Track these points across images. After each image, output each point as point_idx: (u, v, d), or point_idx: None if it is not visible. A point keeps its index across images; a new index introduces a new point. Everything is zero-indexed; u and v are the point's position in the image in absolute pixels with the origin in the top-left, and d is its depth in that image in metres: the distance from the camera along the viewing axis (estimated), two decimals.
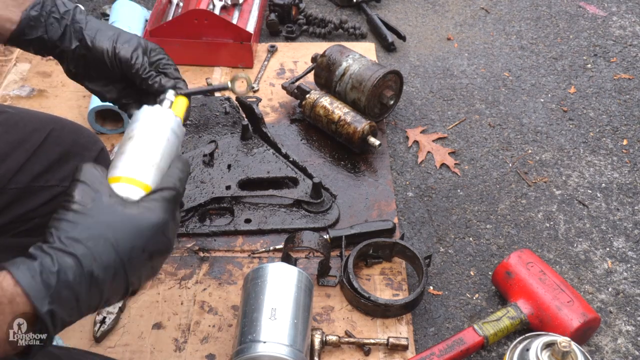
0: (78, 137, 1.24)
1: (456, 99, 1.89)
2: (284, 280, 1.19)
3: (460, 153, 1.72)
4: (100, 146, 1.28)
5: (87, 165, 0.81)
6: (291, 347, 1.09)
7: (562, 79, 1.97)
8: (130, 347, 1.24)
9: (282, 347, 1.08)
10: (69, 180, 1.06)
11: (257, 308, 1.15)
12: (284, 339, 1.10)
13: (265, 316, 1.13)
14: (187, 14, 1.87)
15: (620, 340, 1.30)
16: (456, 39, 2.13)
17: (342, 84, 1.71)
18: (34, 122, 1.20)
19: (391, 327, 1.29)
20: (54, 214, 0.77)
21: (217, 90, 1.22)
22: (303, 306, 1.18)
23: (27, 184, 1.14)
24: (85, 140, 1.25)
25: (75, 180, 0.79)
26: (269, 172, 1.57)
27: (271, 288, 1.18)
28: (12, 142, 1.14)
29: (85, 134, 1.27)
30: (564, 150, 1.74)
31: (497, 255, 1.46)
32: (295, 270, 1.21)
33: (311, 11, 2.14)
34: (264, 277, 1.20)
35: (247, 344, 1.09)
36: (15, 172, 1.12)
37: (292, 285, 1.19)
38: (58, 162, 1.18)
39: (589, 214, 1.56)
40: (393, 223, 1.45)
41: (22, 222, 1.18)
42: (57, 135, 1.20)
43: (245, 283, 1.23)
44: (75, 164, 1.18)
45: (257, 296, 1.17)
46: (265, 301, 1.16)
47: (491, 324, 1.24)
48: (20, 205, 1.15)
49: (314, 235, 1.30)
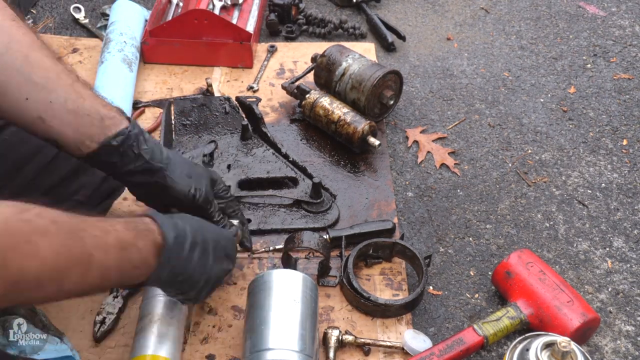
0: None
1: (456, 99, 1.89)
2: (289, 286, 1.18)
3: (460, 153, 1.72)
4: None
5: None
6: (301, 353, 1.08)
7: (562, 79, 1.97)
8: (130, 347, 1.23)
9: (292, 354, 1.08)
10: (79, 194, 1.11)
11: (263, 316, 1.13)
12: (294, 345, 1.09)
13: (273, 324, 1.12)
14: (187, 14, 1.87)
15: (620, 340, 1.30)
16: (456, 39, 2.13)
17: (342, 84, 1.71)
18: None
19: (391, 327, 1.29)
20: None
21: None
22: (310, 311, 1.17)
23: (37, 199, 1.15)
24: None
25: None
26: (268, 172, 1.57)
27: (277, 295, 1.16)
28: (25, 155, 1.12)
29: None
30: (564, 150, 1.74)
31: (497, 255, 1.46)
32: (300, 275, 1.20)
33: (311, 11, 2.14)
34: (269, 284, 1.18)
35: (256, 353, 1.08)
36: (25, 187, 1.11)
37: (298, 291, 1.18)
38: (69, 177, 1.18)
39: (588, 214, 1.56)
40: (393, 223, 1.45)
41: None
42: None
43: (250, 290, 1.22)
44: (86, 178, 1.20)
45: (263, 304, 1.15)
46: (272, 309, 1.14)
47: (491, 324, 1.24)
48: None
49: (314, 235, 1.30)
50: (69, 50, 1.96)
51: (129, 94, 1.73)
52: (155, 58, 1.93)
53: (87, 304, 1.30)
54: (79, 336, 1.25)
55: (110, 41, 1.83)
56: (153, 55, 1.93)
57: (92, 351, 1.22)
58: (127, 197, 1.53)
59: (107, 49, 1.80)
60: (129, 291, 1.31)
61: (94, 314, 1.28)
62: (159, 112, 1.77)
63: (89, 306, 1.30)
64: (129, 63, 1.79)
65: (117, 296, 1.29)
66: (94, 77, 1.80)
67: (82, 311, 1.29)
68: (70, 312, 1.29)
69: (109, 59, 1.77)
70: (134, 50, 1.85)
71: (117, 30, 1.87)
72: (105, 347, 1.23)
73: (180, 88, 1.86)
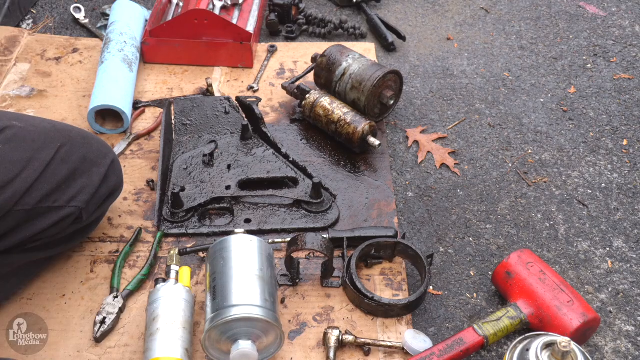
0: (87, 152, 1.22)
1: (456, 99, 1.89)
2: (247, 249, 1.25)
3: (460, 153, 1.72)
4: (111, 158, 1.26)
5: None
6: (262, 308, 1.15)
7: (562, 79, 1.97)
8: (130, 347, 1.24)
9: (254, 308, 1.14)
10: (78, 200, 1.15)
11: (225, 277, 1.20)
12: (256, 301, 1.15)
13: (235, 283, 1.18)
14: (187, 14, 1.87)
15: (620, 340, 1.30)
16: (456, 39, 2.13)
17: (342, 84, 1.71)
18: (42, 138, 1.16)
19: (391, 327, 1.29)
20: None
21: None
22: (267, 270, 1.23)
23: (35, 206, 1.12)
24: (94, 155, 1.23)
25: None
26: (268, 172, 1.57)
27: (236, 257, 1.23)
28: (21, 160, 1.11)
29: (94, 147, 1.25)
30: (564, 150, 1.74)
31: (497, 255, 1.46)
32: (256, 239, 1.28)
33: (311, 11, 2.14)
34: (229, 248, 1.25)
35: (220, 310, 1.14)
36: (22, 194, 1.10)
37: (254, 252, 1.25)
38: (66, 181, 1.16)
39: (588, 214, 1.56)
40: (395, 230, 1.43)
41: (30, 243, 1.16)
42: (66, 152, 1.18)
43: (211, 255, 1.26)
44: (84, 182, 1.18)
45: (224, 265, 1.22)
46: (233, 269, 1.21)
47: (491, 324, 1.24)
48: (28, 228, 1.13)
49: (317, 237, 1.30)
50: (69, 50, 1.96)
51: (129, 94, 1.73)
52: (156, 58, 1.93)
53: (87, 304, 1.30)
54: (79, 336, 1.25)
55: (110, 41, 1.83)
56: (153, 55, 1.93)
57: (92, 351, 1.22)
58: (127, 197, 1.53)
59: (107, 49, 1.80)
60: (129, 291, 1.31)
61: (94, 314, 1.28)
62: (159, 112, 1.77)
63: (89, 306, 1.30)
64: (129, 63, 1.79)
65: (117, 296, 1.29)
66: (94, 77, 1.80)
67: (82, 311, 1.29)
68: (70, 312, 1.29)
69: (109, 59, 1.77)
70: (134, 50, 1.85)
71: (117, 30, 1.87)
72: (105, 347, 1.23)
73: (180, 88, 1.87)
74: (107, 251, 1.41)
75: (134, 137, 1.68)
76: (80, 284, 1.34)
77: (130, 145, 1.67)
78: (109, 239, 1.44)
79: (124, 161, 1.63)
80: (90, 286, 1.34)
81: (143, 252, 1.41)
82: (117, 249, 1.42)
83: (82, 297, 1.32)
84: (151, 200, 1.53)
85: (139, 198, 1.54)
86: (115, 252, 1.41)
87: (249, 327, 1.14)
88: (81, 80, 1.86)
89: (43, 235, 1.17)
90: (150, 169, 1.61)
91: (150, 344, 1.13)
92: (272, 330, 1.15)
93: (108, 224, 1.47)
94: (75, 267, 1.37)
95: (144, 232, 1.45)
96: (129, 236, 1.43)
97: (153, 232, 1.45)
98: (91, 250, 1.41)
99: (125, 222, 1.48)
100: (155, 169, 1.60)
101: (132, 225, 1.47)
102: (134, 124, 1.73)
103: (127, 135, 1.68)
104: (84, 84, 1.84)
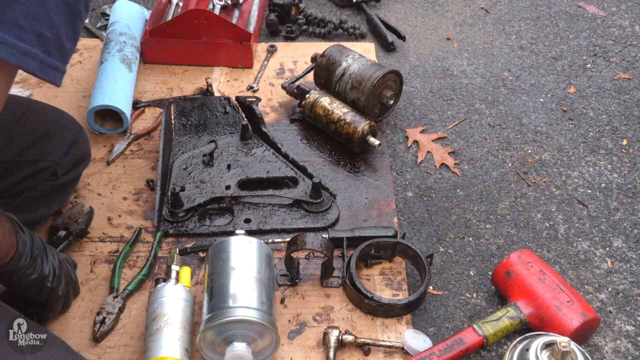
0: (59, 118, 1.39)
1: (456, 99, 1.89)
2: (246, 250, 1.25)
3: (460, 153, 1.72)
4: (79, 127, 1.42)
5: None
6: (259, 310, 1.15)
7: (562, 79, 1.97)
8: (130, 347, 1.24)
9: (250, 310, 1.14)
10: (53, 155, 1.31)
11: (224, 278, 1.20)
12: (252, 303, 1.15)
13: (232, 285, 1.18)
14: (187, 14, 1.87)
15: (620, 340, 1.30)
16: (456, 39, 2.13)
17: (342, 84, 1.71)
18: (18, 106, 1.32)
19: (391, 327, 1.29)
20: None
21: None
22: (266, 273, 1.23)
23: (14, 159, 1.27)
24: (65, 121, 1.40)
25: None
26: (268, 172, 1.57)
27: (235, 258, 1.23)
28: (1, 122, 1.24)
29: (65, 116, 1.41)
30: (564, 150, 1.74)
31: (496, 255, 1.46)
32: (256, 241, 1.27)
33: (311, 11, 2.14)
34: (228, 249, 1.25)
35: (216, 311, 1.14)
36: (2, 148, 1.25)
37: (253, 254, 1.25)
38: (41, 139, 1.31)
39: (588, 214, 1.56)
40: (395, 230, 1.43)
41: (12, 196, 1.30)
42: (39, 115, 1.34)
43: (210, 255, 1.26)
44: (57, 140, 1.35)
45: (222, 266, 1.22)
46: (231, 271, 1.21)
47: (491, 323, 1.24)
48: (9, 177, 1.28)
49: (317, 237, 1.30)
50: None
51: (129, 94, 1.73)
52: (155, 58, 1.93)
53: (87, 304, 1.30)
54: (79, 336, 1.25)
55: (110, 41, 1.83)
56: (153, 55, 1.93)
57: (92, 351, 1.22)
58: (127, 197, 1.53)
59: (107, 49, 1.80)
60: (129, 291, 1.31)
61: (94, 314, 1.28)
62: (159, 112, 1.77)
63: (89, 306, 1.30)
64: (129, 63, 1.79)
65: (117, 296, 1.29)
66: (94, 77, 1.80)
67: (82, 311, 1.29)
68: (70, 312, 1.29)
69: (108, 59, 1.77)
70: (134, 50, 1.85)
71: (117, 30, 1.87)
72: (105, 347, 1.23)
73: (180, 88, 1.87)
74: (106, 251, 1.41)
75: (133, 137, 1.68)
76: (80, 284, 1.34)
77: (130, 145, 1.67)
78: (109, 239, 1.44)
79: (124, 161, 1.63)
80: (90, 286, 1.34)
81: (143, 252, 1.41)
82: (117, 249, 1.42)
83: (82, 297, 1.31)
84: (151, 200, 1.53)
85: (138, 198, 1.54)
86: (115, 252, 1.41)
87: (245, 329, 1.14)
88: (81, 80, 1.86)
89: (23, 186, 1.29)
90: (150, 168, 1.61)
91: (150, 344, 1.13)
92: (268, 333, 1.15)
93: (108, 224, 1.47)
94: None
95: (144, 232, 1.45)
96: (129, 236, 1.43)
97: (153, 232, 1.45)
98: (91, 250, 1.41)
99: (125, 222, 1.48)
100: (155, 168, 1.60)
101: (131, 225, 1.47)
102: (134, 124, 1.73)
103: (127, 135, 1.68)
104: (84, 84, 1.84)
